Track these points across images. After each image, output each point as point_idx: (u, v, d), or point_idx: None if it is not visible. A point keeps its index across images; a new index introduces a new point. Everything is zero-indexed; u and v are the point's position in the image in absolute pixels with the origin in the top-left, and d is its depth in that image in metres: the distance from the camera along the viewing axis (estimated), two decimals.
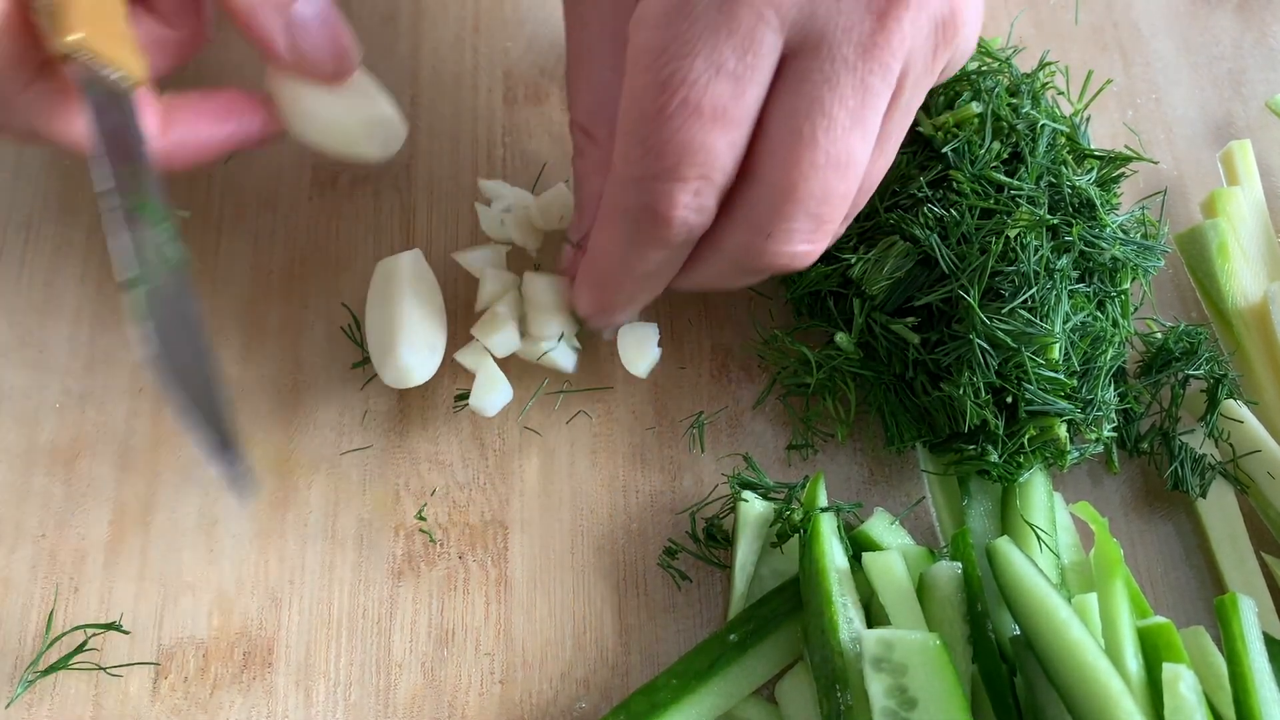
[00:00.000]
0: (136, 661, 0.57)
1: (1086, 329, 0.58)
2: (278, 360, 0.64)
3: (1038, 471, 0.60)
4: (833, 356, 0.61)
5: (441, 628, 0.59)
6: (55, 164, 0.68)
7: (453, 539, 0.60)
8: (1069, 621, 0.50)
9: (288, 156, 0.70)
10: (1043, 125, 0.60)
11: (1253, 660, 0.51)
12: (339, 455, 0.62)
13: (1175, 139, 0.74)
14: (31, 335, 0.64)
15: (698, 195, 0.47)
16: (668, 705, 0.54)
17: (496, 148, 0.70)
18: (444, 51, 0.73)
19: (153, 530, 0.60)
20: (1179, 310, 0.68)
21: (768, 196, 0.48)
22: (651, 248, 0.51)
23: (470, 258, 0.65)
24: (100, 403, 0.63)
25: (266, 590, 0.59)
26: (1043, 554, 0.57)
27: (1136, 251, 0.60)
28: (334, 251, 0.67)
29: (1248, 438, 0.61)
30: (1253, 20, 0.78)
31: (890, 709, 0.48)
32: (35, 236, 0.67)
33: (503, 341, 0.62)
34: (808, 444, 0.63)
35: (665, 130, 0.45)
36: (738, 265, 0.52)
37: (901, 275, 0.59)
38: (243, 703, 0.57)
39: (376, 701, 0.57)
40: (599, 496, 0.62)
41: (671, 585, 0.60)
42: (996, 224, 0.57)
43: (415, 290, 0.60)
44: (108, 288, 0.65)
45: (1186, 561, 0.62)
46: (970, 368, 0.56)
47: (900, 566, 0.55)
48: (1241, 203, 0.68)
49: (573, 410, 0.64)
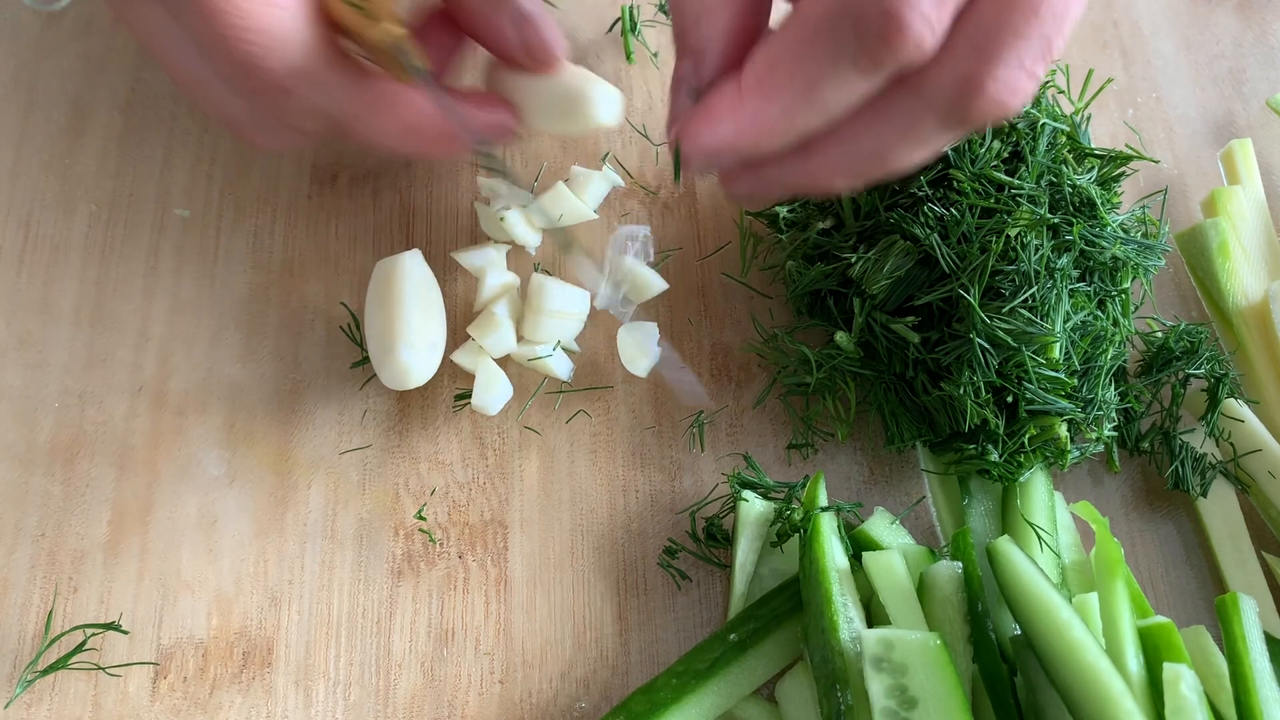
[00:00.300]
0: (135, 661, 0.57)
1: (1087, 328, 0.58)
2: (277, 360, 0.64)
3: (1038, 471, 0.60)
4: (833, 356, 0.61)
5: (441, 627, 0.58)
6: (54, 163, 0.68)
7: (452, 539, 0.60)
8: (1070, 621, 0.50)
9: (287, 156, 0.69)
10: (1043, 124, 0.60)
11: (1254, 660, 0.51)
12: (338, 455, 0.62)
13: (1176, 138, 0.74)
14: (30, 335, 0.64)
15: (940, 6, 0.41)
16: (668, 705, 0.54)
17: (496, 147, 0.70)
18: None
19: (152, 530, 0.60)
20: (1179, 309, 0.68)
21: (1002, 13, 0.42)
22: (859, 71, 0.43)
23: (469, 257, 0.65)
24: (99, 402, 0.62)
25: (266, 590, 0.59)
26: (1043, 553, 0.57)
27: (1137, 250, 0.60)
28: (333, 251, 0.67)
29: (1248, 437, 0.61)
30: (1253, 19, 0.78)
31: (890, 709, 0.48)
32: (34, 236, 0.67)
33: (498, 342, 0.62)
34: (808, 443, 0.63)
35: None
36: (939, 114, 0.45)
37: (902, 274, 0.58)
38: (242, 702, 0.57)
39: (376, 701, 0.57)
40: (599, 496, 0.62)
41: (671, 585, 0.60)
42: (997, 223, 0.57)
43: (415, 290, 0.60)
44: (106, 287, 0.65)
45: (1187, 561, 0.62)
46: (970, 367, 0.56)
47: (900, 566, 0.55)
48: (1242, 201, 0.68)
49: (572, 410, 0.64)
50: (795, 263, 0.63)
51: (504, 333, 0.62)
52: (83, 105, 0.70)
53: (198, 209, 0.68)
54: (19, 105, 0.70)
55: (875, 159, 0.48)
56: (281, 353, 0.64)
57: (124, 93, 0.71)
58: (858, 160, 0.48)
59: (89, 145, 0.69)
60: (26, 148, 0.69)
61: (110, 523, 0.60)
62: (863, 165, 0.48)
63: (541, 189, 0.68)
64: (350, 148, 0.69)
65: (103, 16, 0.73)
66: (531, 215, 0.66)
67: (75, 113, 0.70)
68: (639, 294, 0.65)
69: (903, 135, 0.46)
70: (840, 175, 0.49)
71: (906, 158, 0.48)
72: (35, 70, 0.71)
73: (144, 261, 0.66)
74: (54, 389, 0.63)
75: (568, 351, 0.64)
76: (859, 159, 0.48)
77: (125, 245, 0.67)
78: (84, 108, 0.70)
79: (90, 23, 0.73)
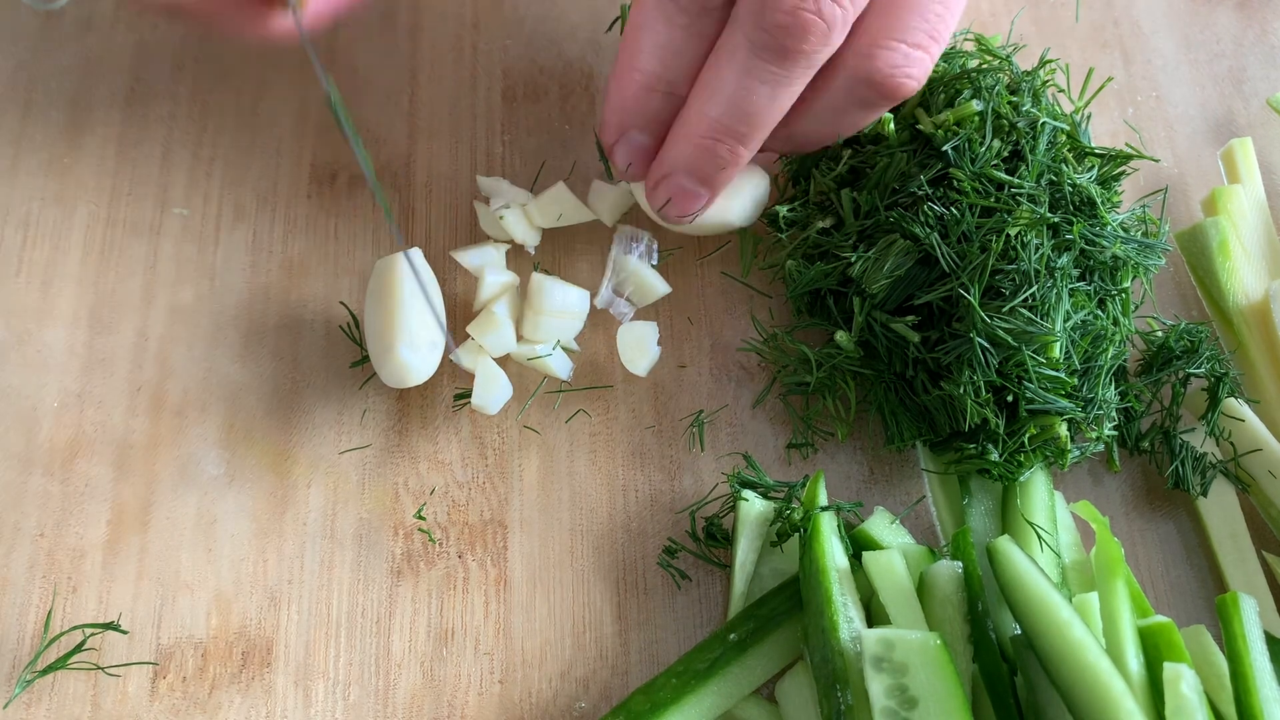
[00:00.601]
0: (135, 661, 0.57)
1: (1087, 327, 0.58)
2: (277, 359, 0.64)
3: (1038, 470, 0.60)
4: (833, 355, 0.61)
5: (441, 627, 0.58)
6: (54, 163, 0.68)
7: (452, 538, 0.60)
8: (1070, 621, 0.49)
9: (286, 155, 0.69)
10: (1043, 123, 0.60)
11: (1254, 659, 0.51)
12: (338, 454, 0.62)
13: (1176, 137, 0.74)
14: (30, 335, 0.64)
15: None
16: (667, 705, 0.53)
17: (496, 146, 0.70)
18: (443, 49, 0.73)
19: (151, 530, 0.60)
20: (1180, 308, 0.68)
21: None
22: (787, 66, 0.53)
23: (469, 256, 0.65)
24: (98, 403, 0.62)
25: (265, 590, 0.59)
26: (1043, 553, 0.57)
27: (1137, 250, 0.60)
28: (333, 250, 0.67)
29: (1249, 436, 0.61)
30: (1254, 17, 0.78)
31: (890, 709, 0.48)
32: (33, 235, 0.67)
33: (498, 341, 0.62)
34: (808, 443, 0.63)
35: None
36: (852, 89, 0.55)
37: (901, 274, 0.58)
38: (241, 702, 0.56)
39: (376, 701, 0.57)
40: (598, 496, 0.62)
41: (671, 584, 0.60)
42: (997, 222, 0.57)
43: (414, 289, 0.60)
44: (105, 287, 0.65)
45: (1187, 560, 0.62)
46: (971, 366, 0.56)
47: (900, 566, 0.55)
48: (1242, 200, 0.68)
49: (572, 409, 0.64)
50: (795, 262, 0.63)
51: (503, 332, 0.62)
52: (81, 104, 0.70)
53: (197, 208, 0.68)
54: (18, 104, 0.70)
55: (816, 134, 0.60)
56: (281, 352, 0.64)
57: (123, 92, 0.71)
58: (805, 132, 0.59)
59: (88, 144, 0.69)
60: (25, 147, 0.69)
61: (109, 522, 0.60)
62: (810, 134, 0.60)
63: (541, 187, 0.68)
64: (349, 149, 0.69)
65: (102, 16, 0.73)
66: (530, 213, 0.66)
67: (74, 112, 0.70)
68: (642, 297, 0.65)
69: (829, 114, 0.58)
70: (798, 140, 0.60)
71: (848, 124, 0.60)
72: (34, 69, 0.71)
73: (143, 261, 0.66)
74: (53, 389, 0.63)
75: (567, 351, 0.64)
76: (805, 132, 0.59)
77: (124, 244, 0.67)
78: (83, 107, 0.70)
79: (89, 22, 0.73)
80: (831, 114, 0.58)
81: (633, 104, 0.58)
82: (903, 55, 0.54)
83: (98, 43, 0.72)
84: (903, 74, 0.54)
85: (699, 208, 0.60)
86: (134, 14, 0.73)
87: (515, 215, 0.65)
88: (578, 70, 0.73)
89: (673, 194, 0.59)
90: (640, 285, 0.64)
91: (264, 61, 0.72)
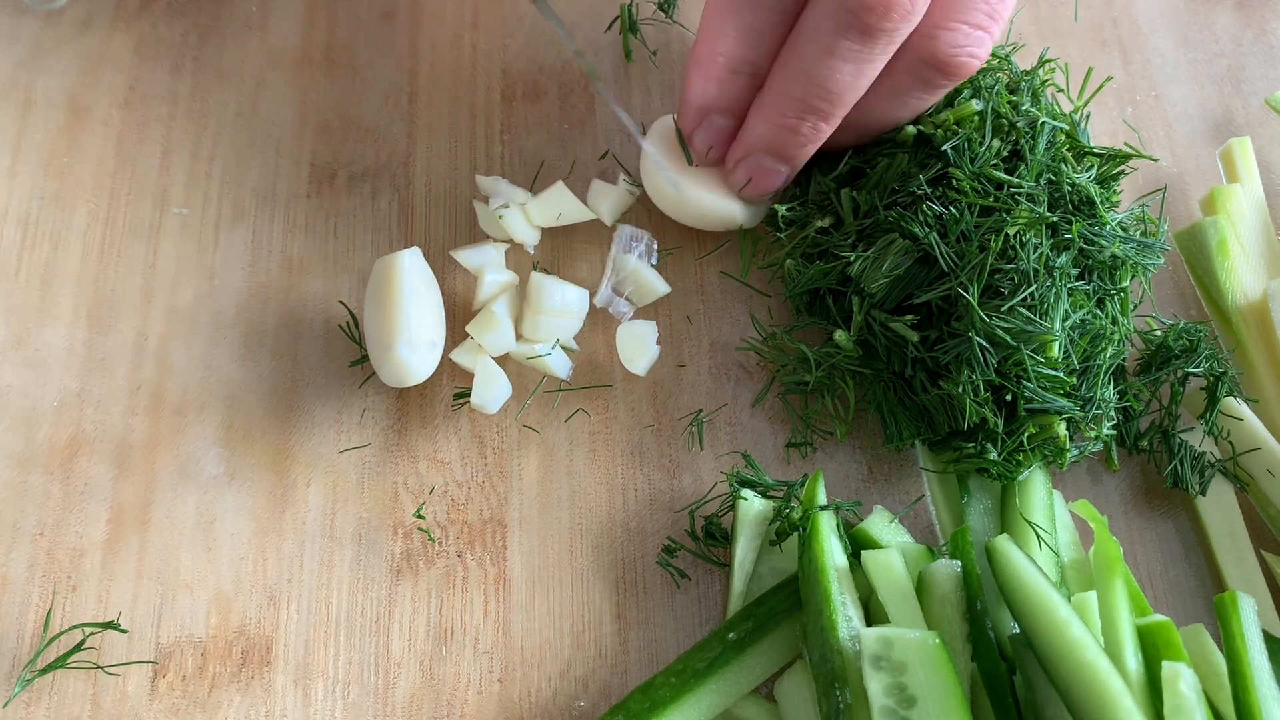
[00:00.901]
0: (134, 660, 0.57)
1: (1086, 326, 0.58)
2: (276, 358, 0.64)
3: (1037, 469, 0.60)
4: (832, 354, 0.61)
5: (440, 626, 0.58)
6: (53, 162, 0.68)
7: (451, 537, 0.60)
8: (1068, 620, 0.49)
9: (286, 155, 0.69)
10: (1042, 123, 0.60)
11: (1252, 658, 0.51)
12: (337, 454, 0.62)
13: (1175, 136, 0.74)
14: (29, 334, 0.64)
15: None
16: (666, 703, 0.54)
17: (495, 145, 0.70)
18: (442, 48, 0.73)
19: (150, 529, 0.60)
20: (1179, 308, 0.68)
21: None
22: (869, 44, 0.54)
23: (468, 256, 0.65)
24: (98, 402, 0.62)
25: (265, 589, 0.59)
26: (1042, 552, 0.57)
27: (1136, 249, 0.60)
28: (332, 249, 0.67)
29: (1247, 435, 0.61)
30: (1252, 17, 0.78)
31: (889, 707, 0.48)
32: (32, 235, 0.67)
33: (497, 341, 0.62)
34: (807, 442, 0.63)
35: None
36: (916, 70, 0.56)
37: (900, 273, 0.58)
38: (241, 701, 0.57)
39: (375, 700, 0.57)
40: (598, 495, 0.62)
41: (670, 583, 0.60)
42: (996, 221, 0.57)
43: (414, 288, 0.60)
44: (105, 286, 0.65)
45: (1186, 559, 0.62)
46: (969, 365, 0.56)
47: (899, 564, 0.55)
48: (1241, 200, 0.68)
49: (571, 408, 0.64)
50: (794, 261, 0.63)
51: (503, 331, 0.62)
52: (81, 104, 0.70)
53: (196, 208, 0.68)
54: (17, 104, 0.70)
55: (873, 118, 0.60)
56: (280, 351, 0.64)
57: (122, 91, 0.71)
58: (872, 116, 0.60)
59: (88, 144, 0.69)
60: (25, 146, 0.69)
61: (109, 522, 0.60)
62: (863, 125, 0.60)
63: (540, 187, 0.68)
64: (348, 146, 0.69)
65: (101, 15, 0.73)
66: (530, 213, 0.66)
67: (74, 111, 0.70)
68: (642, 296, 0.65)
69: (897, 95, 0.58)
70: (845, 134, 0.61)
71: (913, 105, 0.60)
72: (34, 69, 0.71)
73: (143, 260, 0.66)
74: (53, 388, 0.63)
75: (566, 350, 0.64)
76: (860, 119, 0.60)
77: (124, 244, 0.67)
78: (82, 106, 0.70)
79: (89, 22, 0.73)
80: (895, 96, 0.59)
81: (716, 87, 0.59)
82: (964, 35, 0.56)
83: (97, 43, 0.72)
84: (965, 53, 0.56)
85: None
86: (133, 14, 0.73)
87: (515, 214, 0.65)
88: (577, 70, 0.73)
89: (753, 173, 0.61)
90: (640, 285, 0.64)
91: (263, 61, 0.72)
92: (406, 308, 0.59)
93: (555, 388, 0.64)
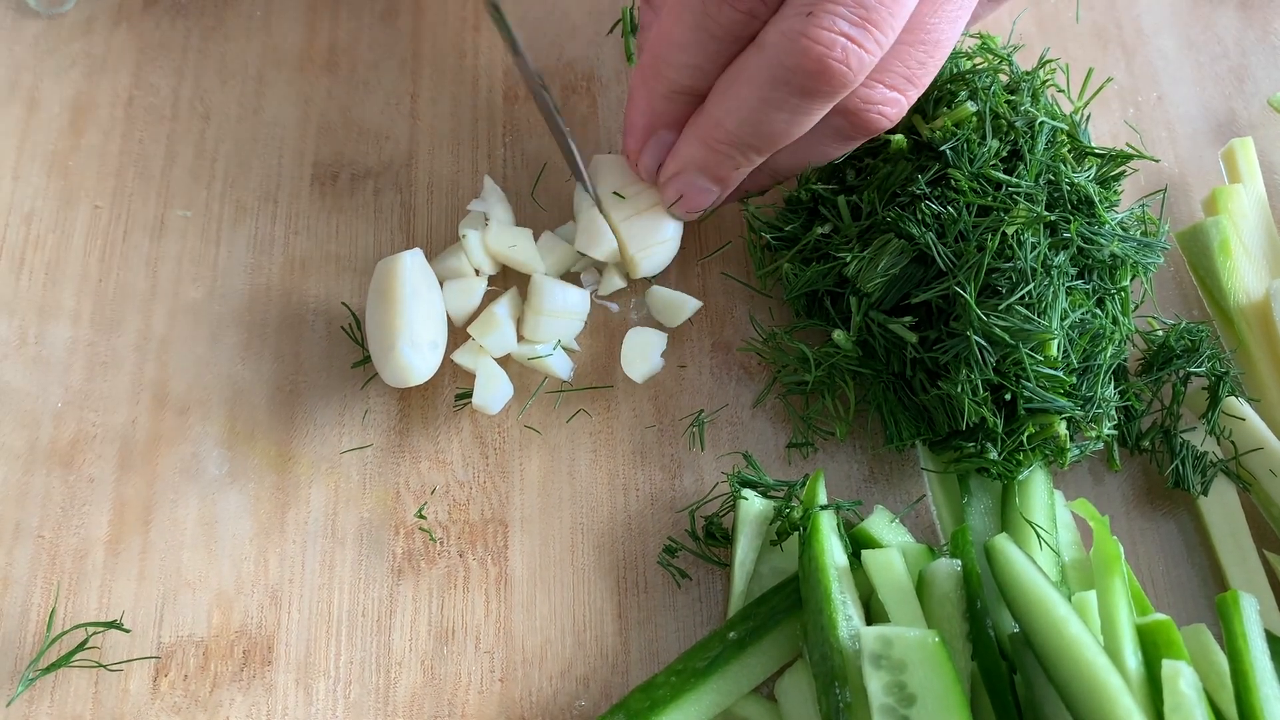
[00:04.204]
0: (137, 658, 0.57)
1: (1085, 326, 0.58)
2: (278, 359, 0.64)
3: (1037, 469, 0.60)
4: (831, 354, 0.61)
5: (441, 626, 0.59)
6: (55, 163, 0.69)
7: (453, 537, 0.60)
8: (1067, 619, 0.49)
9: (288, 155, 0.70)
10: (1042, 123, 0.60)
11: (1254, 658, 0.51)
12: (339, 454, 0.62)
13: (1177, 136, 0.74)
14: (33, 335, 0.64)
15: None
16: (667, 703, 0.54)
17: (497, 146, 0.70)
18: (444, 50, 0.73)
19: (153, 529, 0.60)
20: (1180, 308, 0.68)
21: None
22: (808, 102, 0.54)
23: (454, 261, 0.65)
24: (100, 402, 0.63)
25: (266, 588, 0.59)
26: (1042, 551, 0.57)
27: (1135, 248, 0.60)
28: (334, 250, 0.67)
29: (1249, 435, 0.61)
30: (1255, 17, 0.78)
31: (889, 706, 0.48)
32: (35, 236, 0.67)
33: (499, 341, 0.62)
34: (807, 442, 0.63)
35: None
36: (830, 120, 0.57)
37: (896, 272, 0.58)
38: (243, 700, 0.57)
39: (376, 699, 0.57)
40: (599, 495, 0.62)
41: (671, 583, 0.60)
42: (994, 221, 0.57)
43: (415, 289, 0.60)
44: (108, 287, 0.66)
45: (1188, 559, 0.62)
46: (968, 365, 0.56)
47: (900, 564, 0.55)
48: (1243, 200, 0.67)
49: (573, 409, 0.64)
50: (792, 264, 0.63)
51: (504, 333, 0.62)
52: (84, 104, 0.71)
53: (199, 209, 0.68)
54: (20, 104, 0.70)
55: (783, 163, 0.62)
56: (282, 352, 0.64)
57: (125, 92, 0.71)
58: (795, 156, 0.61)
59: (90, 145, 0.70)
60: (29, 146, 0.69)
61: (111, 522, 0.60)
62: (774, 167, 0.62)
63: (540, 186, 0.68)
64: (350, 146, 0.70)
65: (103, 16, 0.73)
66: (488, 239, 0.65)
67: (77, 112, 0.70)
68: (672, 318, 0.65)
69: (806, 140, 0.59)
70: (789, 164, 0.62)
71: (805, 159, 0.62)
72: (36, 70, 0.72)
73: (145, 261, 0.66)
74: (56, 388, 0.63)
75: (568, 351, 0.64)
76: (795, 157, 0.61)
77: (127, 245, 0.67)
78: (85, 107, 0.71)
79: (91, 22, 0.73)
80: (807, 143, 0.60)
81: (662, 105, 0.59)
82: (880, 94, 0.56)
83: (100, 43, 0.73)
84: (876, 111, 0.57)
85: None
86: (136, 14, 0.73)
87: (474, 239, 0.65)
88: (578, 70, 0.73)
89: (684, 191, 0.61)
90: (669, 307, 0.65)
91: (266, 62, 0.73)
92: (408, 308, 0.59)
93: (557, 388, 0.64)
